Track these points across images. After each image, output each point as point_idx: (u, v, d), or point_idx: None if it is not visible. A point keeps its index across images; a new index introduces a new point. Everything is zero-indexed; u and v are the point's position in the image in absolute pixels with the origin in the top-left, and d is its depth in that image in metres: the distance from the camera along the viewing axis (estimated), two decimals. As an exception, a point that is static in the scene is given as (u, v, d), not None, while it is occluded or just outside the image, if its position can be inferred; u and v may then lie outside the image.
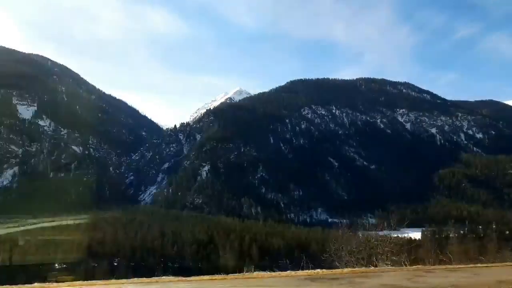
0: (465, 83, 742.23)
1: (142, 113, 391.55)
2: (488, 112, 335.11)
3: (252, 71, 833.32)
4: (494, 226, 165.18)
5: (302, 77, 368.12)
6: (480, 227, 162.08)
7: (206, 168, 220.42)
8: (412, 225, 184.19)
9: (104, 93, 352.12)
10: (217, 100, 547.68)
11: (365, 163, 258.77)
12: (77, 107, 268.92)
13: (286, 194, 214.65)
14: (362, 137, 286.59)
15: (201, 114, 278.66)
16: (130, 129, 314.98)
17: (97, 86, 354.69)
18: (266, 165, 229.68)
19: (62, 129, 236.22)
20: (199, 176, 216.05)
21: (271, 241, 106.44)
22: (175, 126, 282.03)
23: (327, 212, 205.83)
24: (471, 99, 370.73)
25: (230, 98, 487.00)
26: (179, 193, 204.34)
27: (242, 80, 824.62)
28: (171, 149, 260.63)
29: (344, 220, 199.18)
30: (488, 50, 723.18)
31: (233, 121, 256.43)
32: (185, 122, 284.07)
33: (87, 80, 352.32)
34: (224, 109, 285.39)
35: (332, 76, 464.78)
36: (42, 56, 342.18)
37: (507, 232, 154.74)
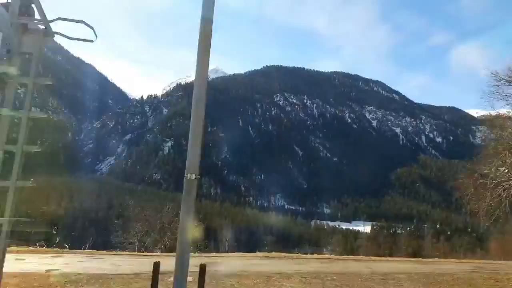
0: (433, 88, 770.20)
1: (111, 81, 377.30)
2: (449, 118, 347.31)
3: (231, 51, 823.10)
4: (438, 226, 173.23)
5: (279, 64, 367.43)
6: (425, 225, 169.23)
7: (169, 143, 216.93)
8: (365, 218, 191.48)
9: (72, 55, 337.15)
10: (192, 76, 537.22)
11: (328, 154, 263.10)
12: (39, 66, 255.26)
13: (248, 178, 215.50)
14: (329, 129, 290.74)
15: (170, 88, 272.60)
16: (95, 96, 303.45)
17: (66, 47, 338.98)
18: (232, 147, 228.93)
19: (18, 88, 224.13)
20: (160, 151, 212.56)
21: (219, 222, 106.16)
22: (141, 97, 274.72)
23: (285, 199, 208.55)
24: (437, 104, 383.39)
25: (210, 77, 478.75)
26: (138, 167, 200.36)
27: (220, 59, 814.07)
28: (135, 120, 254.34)
29: (301, 208, 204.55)
30: (457, 59, 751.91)
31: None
32: (153, 95, 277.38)
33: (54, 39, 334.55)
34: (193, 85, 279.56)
35: (308, 66, 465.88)
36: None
37: (449, 232, 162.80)
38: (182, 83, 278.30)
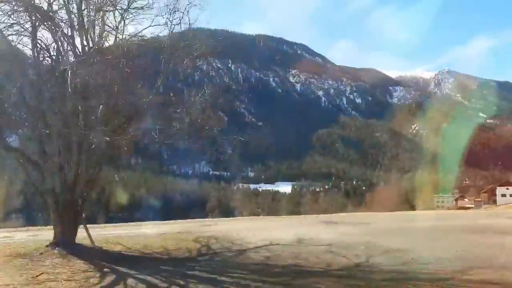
0: (354, 51, 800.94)
1: None
2: (368, 79, 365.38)
3: (153, 11, 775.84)
4: (354, 182, 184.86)
5: (201, 26, 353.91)
6: (342, 182, 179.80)
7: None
8: (287, 179, 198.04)
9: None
10: (110, 40, 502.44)
11: (253, 119, 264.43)
12: None
13: (171, 146, 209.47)
14: (254, 93, 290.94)
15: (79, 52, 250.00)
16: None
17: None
18: (152, 113, 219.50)
19: None
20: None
21: (132, 192, 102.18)
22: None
23: (210, 165, 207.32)
24: (357, 66, 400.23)
25: (121, 39, 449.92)
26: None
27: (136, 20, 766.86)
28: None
29: (225, 173, 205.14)
30: (376, 23, 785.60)
31: (117, 62, 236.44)
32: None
33: None
34: (110, 48, 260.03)
35: (233, 29, 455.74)
36: None
37: (363, 187, 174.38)
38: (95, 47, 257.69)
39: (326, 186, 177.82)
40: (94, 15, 12.48)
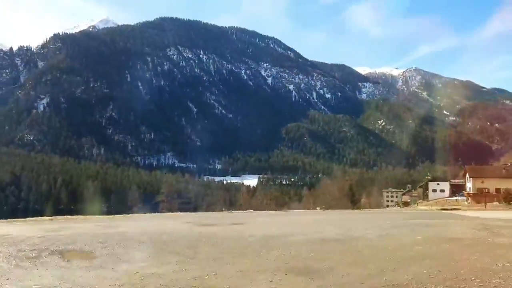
0: (326, 46, 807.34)
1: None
2: (338, 75, 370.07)
3: (125, 1, 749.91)
4: (320, 175, 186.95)
5: (174, 16, 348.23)
6: (308, 176, 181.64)
7: (44, 101, 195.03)
8: (255, 172, 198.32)
9: None
10: (79, 26, 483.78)
11: (223, 111, 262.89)
12: None
13: (136, 136, 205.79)
14: (225, 85, 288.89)
15: (47, 39, 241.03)
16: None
17: None
18: (118, 104, 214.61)
19: None
20: (34, 109, 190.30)
21: (87, 184, 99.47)
22: (11, 48, 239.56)
23: (176, 157, 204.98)
24: (328, 61, 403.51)
25: (93, 27, 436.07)
26: (7, 127, 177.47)
27: (112, 9, 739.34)
28: (4, 75, 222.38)
29: (192, 165, 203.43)
30: (349, 19, 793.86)
31: (85, 52, 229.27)
32: (25, 46, 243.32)
33: None
34: (76, 36, 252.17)
35: (207, 20, 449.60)
36: None
37: (329, 181, 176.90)
38: (61, 34, 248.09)
39: (292, 179, 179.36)
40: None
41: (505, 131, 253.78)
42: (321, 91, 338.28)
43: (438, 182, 64.44)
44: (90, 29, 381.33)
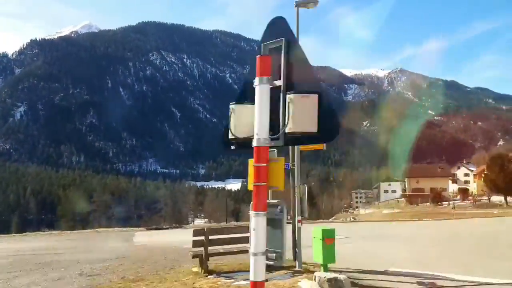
0: (312, 48, 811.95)
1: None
2: (324, 76, 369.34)
3: (108, 6, 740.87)
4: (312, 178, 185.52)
5: (158, 20, 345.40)
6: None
7: (21, 109, 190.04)
8: (238, 176, 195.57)
9: None
10: (62, 32, 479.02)
11: (208, 115, 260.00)
12: None
13: (117, 143, 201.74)
14: (209, 89, 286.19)
15: (23, 46, 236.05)
16: None
17: None
18: (99, 110, 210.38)
19: None
20: (11, 117, 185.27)
21: (57, 192, 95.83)
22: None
23: (159, 163, 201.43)
24: (314, 64, 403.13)
25: (75, 32, 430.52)
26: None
27: (94, 14, 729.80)
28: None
29: (175, 171, 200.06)
30: (335, 21, 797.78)
31: (64, 58, 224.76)
32: (1, 53, 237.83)
33: None
34: (55, 42, 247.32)
35: (191, 24, 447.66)
36: None
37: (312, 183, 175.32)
38: (39, 39, 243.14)
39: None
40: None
41: (488, 129, 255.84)
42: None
43: (389, 183, 62.79)
44: (72, 35, 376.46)
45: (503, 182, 39.34)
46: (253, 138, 2.76)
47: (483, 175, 45.91)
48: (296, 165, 8.50)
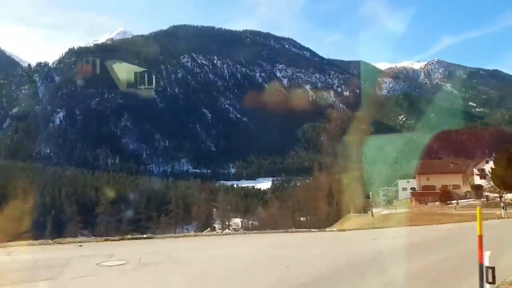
0: (344, 44, 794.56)
1: (1, 50, 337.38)
2: (357, 72, 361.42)
3: (142, 12, 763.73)
4: (337, 176, 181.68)
5: (188, 23, 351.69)
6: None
7: (60, 114, 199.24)
8: (269, 175, 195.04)
9: None
10: (99, 40, 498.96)
11: (238, 115, 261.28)
12: None
13: (150, 145, 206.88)
14: (239, 90, 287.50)
15: (62, 55, 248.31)
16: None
17: None
18: (133, 113, 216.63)
19: None
20: (51, 123, 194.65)
21: (91, 194, 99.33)
22: (29, 65, 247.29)
23: (190, 163, 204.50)
24: (346, 59, 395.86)
25: (111, 39, 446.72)
26: (25, 142, 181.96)
27: (129, 21, 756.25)
28: (23, 91, 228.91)
29: (206, 171, 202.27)
30: (367, 15, 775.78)
31: (99, 64, 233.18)
32: (42, 62, 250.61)
33: None
34: (91, 49, 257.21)
35: (221, 25, 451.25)
36: None
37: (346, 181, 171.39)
38: (76, 48, 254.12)
39: (307, 180, 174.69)
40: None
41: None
42: (339, 89, 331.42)
43: (408, 180, 59.39)
44: (108, 42, 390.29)
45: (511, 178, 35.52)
46: None
47: (489, 170, 42.15)
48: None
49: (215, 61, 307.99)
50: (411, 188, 56.87)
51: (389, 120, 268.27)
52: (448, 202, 42.41)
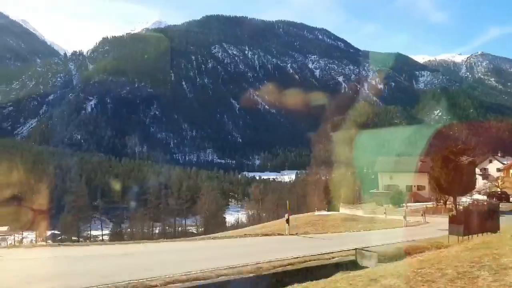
0: (382, 35, 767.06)
1: (41, 38, 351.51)
2: (393, 64, 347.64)
3: (177, 2, 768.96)
4: (365, 170, 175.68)
5: (220, 13, 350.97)
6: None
7: (92, 102, 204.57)
8: (294, 168, 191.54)
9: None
10: (135, 30, 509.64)
11: (266, 106, 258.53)
12: None
13: (178, 134, 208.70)
14: (269, 80, 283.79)
15: (96, 44, 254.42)
16: (18, 55, 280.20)
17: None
18: (162, 103, 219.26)
19: None
20: (83, 110, 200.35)
21: (109, 181, 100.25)
22: (65, 54, 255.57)
23: (216, 153, 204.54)
24: (382, 51, 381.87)
25: (147, 29, 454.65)
26: (58, 128, 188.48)
27: (166, 11, 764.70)
28: (59, 79, 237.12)
29: (231, 161, 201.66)
30: (406, 5, 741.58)
31: (131, 53, 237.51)
32: (77, 51, 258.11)
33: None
34: (123, 39, 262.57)
35: (254, 15, 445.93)
36: None
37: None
38: (109, 37, 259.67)
39: (333, 175, 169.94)
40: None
41: None
42: (373, 82, 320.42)
43: (391, 176, 53.74)
44: (143, 32, 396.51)
45: (446, 181, 30.35)
46: None
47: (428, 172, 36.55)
48: None
49: (246, 52, 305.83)
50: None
51: (423, 115, 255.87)
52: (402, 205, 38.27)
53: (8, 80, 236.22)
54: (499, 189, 45.08)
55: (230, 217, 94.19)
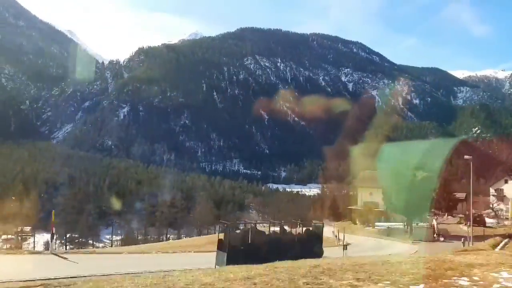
0: (419, 49, 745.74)
1: (83, 48, 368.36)
2: (431, 79, 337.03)
3: (214, 14, 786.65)
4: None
5: (255, 26, 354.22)
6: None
7: (125, 109, 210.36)
8: (319, 180, 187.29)
9: (41, 21, 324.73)
10: (172, 41, 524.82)
11: (296, 118, 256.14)
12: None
13: (206, 143, 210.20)
14: (300, 93, 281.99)
15: (132, 53, 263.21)
16: (60, 63, 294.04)
17: (33, 13, 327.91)
18: (192, 112, 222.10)
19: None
20: (116, 117, 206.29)
21: (131, 187, 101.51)
22: (102, 62, 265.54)
23: (242, 163, 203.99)
24: (419, 65, 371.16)
25: (183, 40, 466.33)
26: (91, 133, 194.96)
27: (203, 23, 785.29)
28: (95, 86, 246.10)
29: (256, 172, 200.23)
30: (447, 20, 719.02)
31: (164, 63, 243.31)
32: (114, 60, 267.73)
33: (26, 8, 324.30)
34: (158, 49, 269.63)
35: (288, 28, 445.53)
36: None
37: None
38: (145, 47, 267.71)
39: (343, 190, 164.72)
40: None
41: None
42: (408, 97, 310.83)
43: None
44: (179, 43, 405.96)
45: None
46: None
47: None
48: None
49: (278, 64, 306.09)
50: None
51: (461, 132, 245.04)
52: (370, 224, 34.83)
53: (49, 86, 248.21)
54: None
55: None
